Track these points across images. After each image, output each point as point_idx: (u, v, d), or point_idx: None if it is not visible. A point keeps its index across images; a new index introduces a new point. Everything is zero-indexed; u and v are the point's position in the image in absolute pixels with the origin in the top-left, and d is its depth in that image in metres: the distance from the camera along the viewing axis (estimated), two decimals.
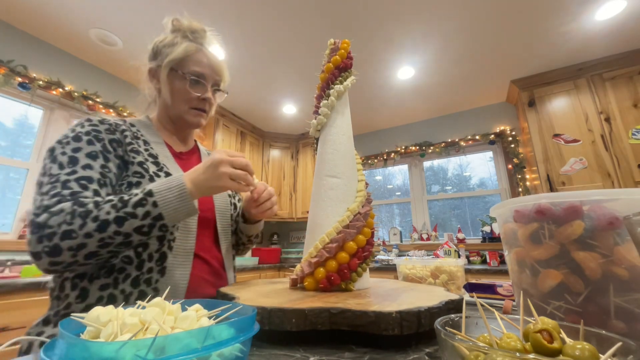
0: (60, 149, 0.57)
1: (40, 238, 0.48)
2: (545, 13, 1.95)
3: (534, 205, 0.38)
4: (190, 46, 0.74)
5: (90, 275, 0.57)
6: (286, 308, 0.39)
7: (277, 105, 3.11)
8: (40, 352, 0.21)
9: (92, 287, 0.56)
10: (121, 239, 0.52)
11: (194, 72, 0.72)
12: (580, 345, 0.21)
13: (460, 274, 0.81)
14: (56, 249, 0.49)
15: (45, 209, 0.50)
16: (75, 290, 0.56)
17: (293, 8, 1.90)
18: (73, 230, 0.49)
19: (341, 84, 0.74)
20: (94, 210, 0.51)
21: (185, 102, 0.74)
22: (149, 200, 0.53)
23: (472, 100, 3.06)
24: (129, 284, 0.57)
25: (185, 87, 0.72)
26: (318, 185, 0.69)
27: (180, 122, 0.78)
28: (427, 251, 2.90)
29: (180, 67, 0.72)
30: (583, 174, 2.28)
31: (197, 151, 0.87)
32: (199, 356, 0.22)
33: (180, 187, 0.55)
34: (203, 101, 0.75)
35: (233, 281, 0.79)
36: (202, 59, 0.74)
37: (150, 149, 0.69)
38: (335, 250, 0.59)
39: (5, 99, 1.99)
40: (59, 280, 0.58)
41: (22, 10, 1.89)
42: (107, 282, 0.57)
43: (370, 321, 0.37)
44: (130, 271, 0.58)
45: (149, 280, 0.59)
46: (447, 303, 0.43)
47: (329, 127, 0.72)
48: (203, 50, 0.76)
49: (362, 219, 0.63)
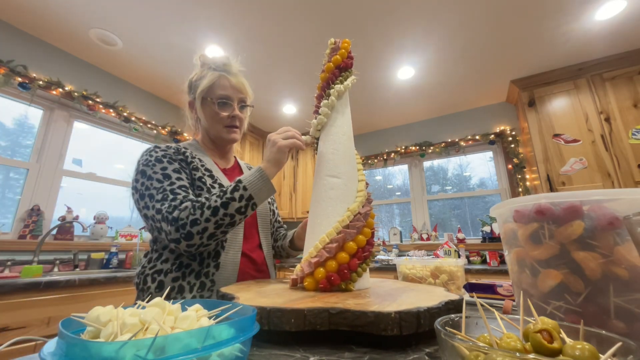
0: (151, 169, 0.73)
1: (177, 228, 0.64)
2: (545, 13, 1.95)
3: (534, 205, 0.38)
4: (214, 75, 0.85)
5: (165, 270, 0.73)
6: (285, 308, 0.39)
7: (277, 105, 3.11)
8: (40, 351, 0.21)
9: (166, 279, 0.72)
10: (228, 219, 0.67)
11: (220, 96, 0.85)
12: (580, 345, 0.21)
13: (460, 274, 0.81)
14: (189, 234, 0.65)
15: (174, 208, 0.66)
16: (154, 283, 0.72)
17: (293, 8, 1.90)
18: (197, 219, 0.65)
19: (341, 83, 0.74)
20: (206, 202, 0.66)
21: (219, 122, 0.86)
22: (240, 186, 0.68)
23: (472, 100, 3.06)
24: (194, 276, 0.72)
25: (215, 110, 0.85)
26: (318, 185, 0.69)
27: (220, 140, 0.91)
28: (427, 251, 2.90)
29: (209, 94, 0.85)
30: (583, 174, 2.27)
31: (238, 166, 1.02)
32: (199, 356, 0.22)
33: (259, 170, 0.71)
34: (233, 118, 0.87)
35: (274, 276, 0.92)
36: (225, 83, 0.86)
37: (205, 164, 0.84)
38: (336, 250, 0.59)
39: (5, 99, 1.99)
40: (142, 276, 0.75)
41: (22, 10, 1.89)
42: (177, 275, 0.72)
43: (370, 321, 0.37)
44: (194, 267, 0.73)
45: (208, 274, 0.73)
46: (446, 303, 0.43)
47: (330, 126, 0.72)
48: (226, 75, 0.86)
49: (362, 219, 0.63)
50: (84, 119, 2.35)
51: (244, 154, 3.30)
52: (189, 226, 0.64)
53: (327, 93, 0.73)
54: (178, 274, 0.73)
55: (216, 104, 0.85)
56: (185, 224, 0.64)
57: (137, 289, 0.76)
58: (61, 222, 2.04)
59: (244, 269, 0.79)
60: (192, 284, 0.72)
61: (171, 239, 0.66)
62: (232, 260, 0.77)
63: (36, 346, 1.26)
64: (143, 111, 2.67)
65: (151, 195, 0.70)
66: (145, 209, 0.70)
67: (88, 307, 1.21)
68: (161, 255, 0.76)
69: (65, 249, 2.05)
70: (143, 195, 0.71)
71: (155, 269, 0.74)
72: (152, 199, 0.70)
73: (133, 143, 2.71)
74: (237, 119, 0.88)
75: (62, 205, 2.14)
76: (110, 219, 2.32)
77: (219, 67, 0.88)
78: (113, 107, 2.37)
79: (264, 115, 3.32)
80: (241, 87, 0.89)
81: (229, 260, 0.77)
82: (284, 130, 0.75)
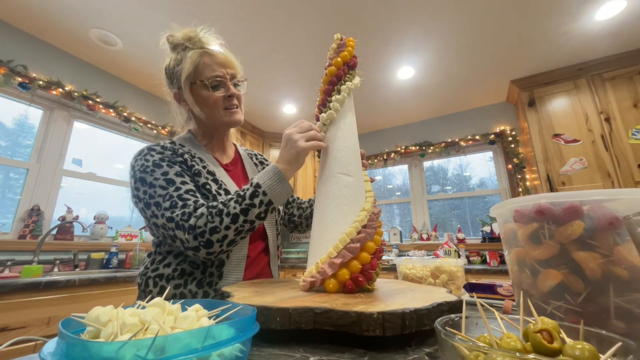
0: (151, 176, 0.67)
1: (195, 236, 0.61)
2: (545, 13, 1.95)
3: (534, 205, 0.38)
4: (194, 55, 0.75)
5: (167, 275, 0.69)
6: (272, 307, 0.40)
7: (277, 105, 3.11)
8: (40, 351, 0.21)
9: (168, 285, 0.68)
10: (248, 225, 0.64)
11: (210, 77, 0.75)
12: (580, 345, 0.21)
13: (460, 274, 0.81)
14: (209, 242, 0.61)
15: (189, 215, 0.62)
16: (156, 287, 0.69)
17: (293, 8, 1.90)
18: (217, 226, 0.61)
19: (350, 81, 0.73)
20: (224, 208, 0.62)
21: (216, 106, 0.77)
22: (259, 191, 0.64)
23: (472, 100, 3.06)
24: (195, 284, 0.69)
25: (208, 93, 0.75)
26: (330, 182, 0.66)
27: (221, 127, 0.82)
28: (427, 251, 2.90)
29: (196, 78, 0.75)
30: (583, 174, 2.27)
31: (240, 159, 0.93)
32: (199, 356, 0.22)
33: (276, 172, 0.65)
34: (230, 98, 0.78)
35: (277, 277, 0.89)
36: (210, 62, 0.75)
37: (207, 165, 0.77)
38: (358, 250, 0.58)
39: (5, 99, 1.99)
40: (144, 278, 0.72)
41: (22, 10, 1.89)
42: (179, 282, 0.68)
43: (352, 321, 0.37)
44: (197, 275, 0.70)
45: (211, 283, 0.70)
46: (438, 305, 0.42)
47: (339, 123, 0.70)
48: (207, 52, 0.76)
49: (375, 218, 0.63)
50: (84, 119, 2.35)
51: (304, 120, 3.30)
52: (208, 234, 0.61)
53: (338, 89, 0.71)
54: (180, 281, 0.69)
55: (208, 87, 0.75)
56: (204, 232, 0.61)
57: (139, 289, 0.74)
58: (61, 222, 2.04)
59: (248, 277, 0.77)
60: (193, 292, 0.68)
61: (189, 247, 0.62)
62: (235, 268, 0.74)
63: (36, 346, 1.26)
64: (143, 111, 2.67)
65: (157, 204, 0.65)
66: (154, 217, 0.66)
67: (88, 307, 1.20)
68: (164, 258, 0.72)
69: (65, 249, 2.05)
70: (148, 204, 0.66)
71: (158, 273, 0.71)
72: (160, 208, 0.65)
73: (133, 143, 2.71)
74: (235, 97, 0.79)
75: (62, 205, 2.14)
76: (110, 219, 2.32)
77: (195, 45, 0.76)
78: (113, 107, 2.37)
79: (264, 115, 3.32)
80: (228, 61, 0.78)
81: (232, 268, 0.73)
82: (304, 127, 0.67)
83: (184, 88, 0.76)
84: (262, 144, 3.66)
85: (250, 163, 0.95)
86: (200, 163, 0.76)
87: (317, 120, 0.73)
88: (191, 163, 0.74)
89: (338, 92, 0.71)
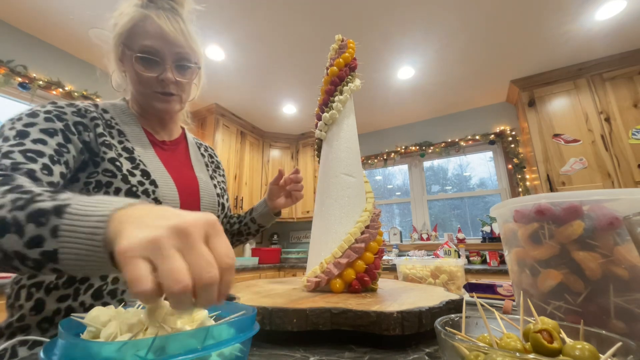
0: (10, 124, 0.49)
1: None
2: (545, 13, 1.95)
3: (534, 205, 0.38)
4: (136, 12, 0.58)
5: (47, 285, 0.51)
6: (287, 308, 0.39)
7: (277, 105, 3.11)
8: (40, 352, 0.21)
9: (48, 298, 0.50)
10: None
11: (142, 48, 0.58)
12: (580, 345, 0.21)
13: (460, 274, 0.81)
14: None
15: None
16: (30, 301, 0.50)
17: (293, 9, 1.90)
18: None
19: (352, 82, 0.73)
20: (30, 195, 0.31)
21: (145, 86, 0.61)
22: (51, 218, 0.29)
23: (472, 100, 3.06)
24: (90, 295, 0.51)
25: (139, 68, 0.59)
26: (333, 182, 0.66)
27: (150, 109, 0.65)
28: (427, 251, 2.90)
29: (127, 42, 0.59)
30: (583, 174, 2.27)
31: (184, 141, 0.75)
32: (199, 356, 0.22)
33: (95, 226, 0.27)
34: (163, 83, 0.60)
35: None
36: (151, 29, 0.57)
37: (125, 141, 0.60)
38: (363, 250, 0.59)
39: (5, 99, 1.99)
40: (15, 287, 0.52)
41: (22, 10, 1.89)
42: (66, 293, 0.51)
43: (372, 321, 0.37)
44: (94, 281, 0.52)
45: (114, 292, 0.53)
46: (447, 303, 0.43)
47: (341, 123, 0.71)
48: (153, 16, 0.58)
49: (376, 219, 0.64)
50: None
51: (244, 154, 3.30)
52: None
53: (341, 89, 0.71)
54: (68, 291, 0.51)
55: (137, 60, 0.58)
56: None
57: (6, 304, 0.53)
58: None
59: None
60: (87, 306, 0.51)
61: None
62: None
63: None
64: None
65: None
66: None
67: None
68: None
69: None
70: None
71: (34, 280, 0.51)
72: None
73: None
74: (171, 83, 0.61)
75: None
76: None
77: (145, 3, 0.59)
78: None
79: (264, 115, 3.32)
80: (177, 37, 0.59)
81: None
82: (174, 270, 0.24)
83: (116, 46, 0.61)
84: (262, 144, 3.66)
85: (196, 151, 0.78)
86: (117, 136, 0.59)
87: (319, 120, 0.73)
88: (100, 132, 0.56)
89: (341, 92, 0.71)
